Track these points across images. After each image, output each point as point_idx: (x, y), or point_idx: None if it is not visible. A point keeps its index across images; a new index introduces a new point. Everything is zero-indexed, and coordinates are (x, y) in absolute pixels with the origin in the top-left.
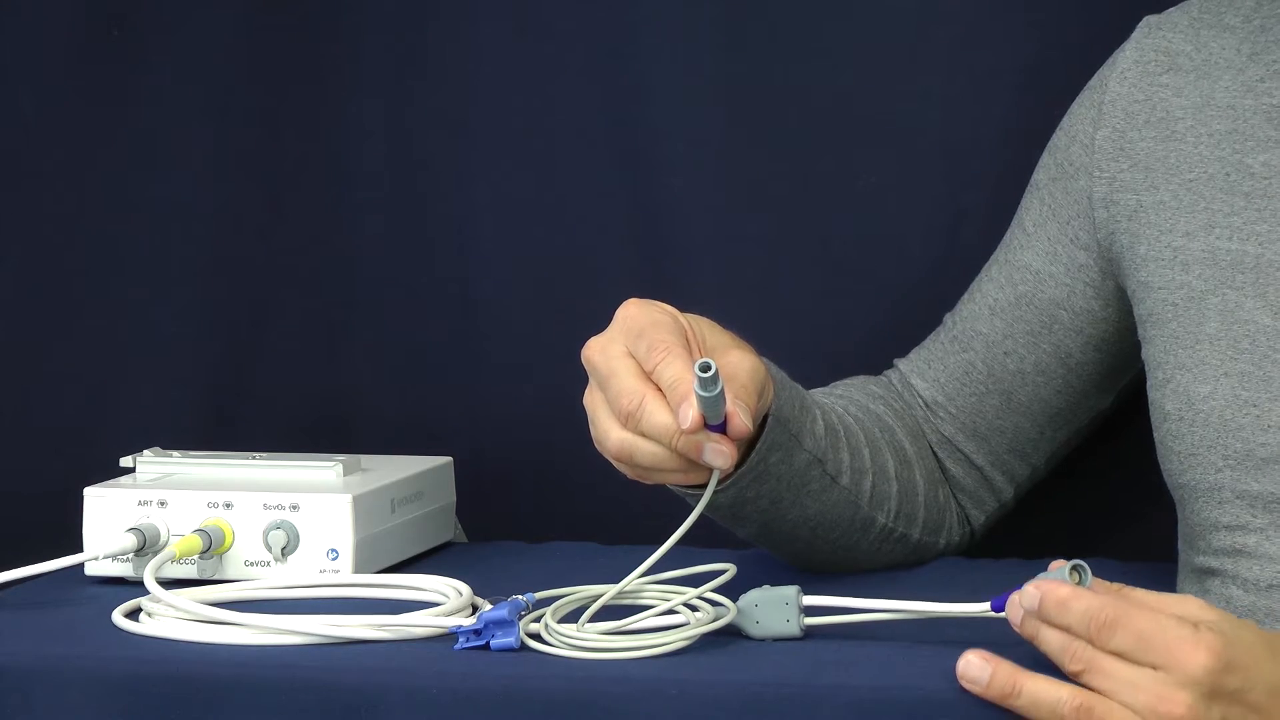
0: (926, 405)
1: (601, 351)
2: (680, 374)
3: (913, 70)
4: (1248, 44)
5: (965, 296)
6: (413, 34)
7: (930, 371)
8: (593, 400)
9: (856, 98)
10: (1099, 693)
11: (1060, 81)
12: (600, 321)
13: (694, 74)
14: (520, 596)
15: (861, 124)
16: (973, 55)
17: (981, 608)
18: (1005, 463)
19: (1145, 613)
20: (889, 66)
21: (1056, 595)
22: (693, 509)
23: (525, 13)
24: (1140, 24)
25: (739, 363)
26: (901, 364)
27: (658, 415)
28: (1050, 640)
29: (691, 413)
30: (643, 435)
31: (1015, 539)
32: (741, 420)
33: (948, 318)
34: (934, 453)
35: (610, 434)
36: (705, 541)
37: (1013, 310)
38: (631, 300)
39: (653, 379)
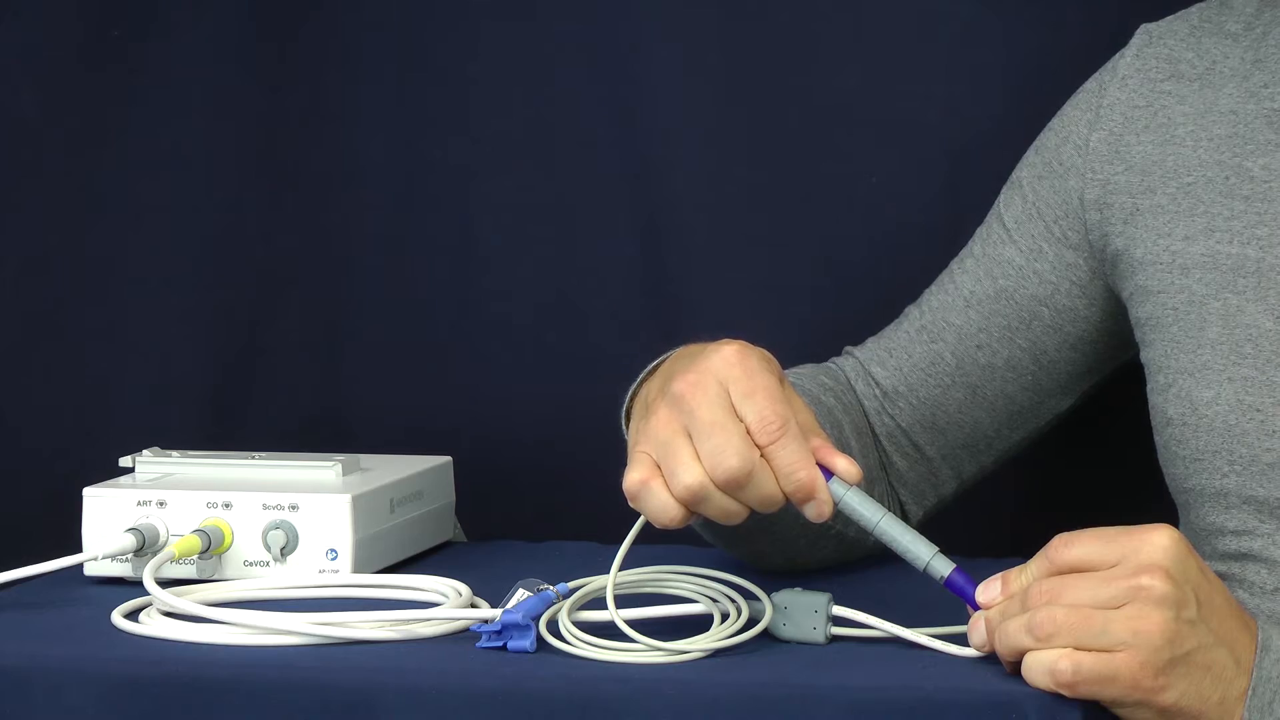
0: (885, 394)
1: (701, 393)
2: (797, 460)
3: (913, 70)
4: (1251, 51)
5: (934, 288)
6: (413, 34)
7: (893, 360)
8: (671, 429)
9: (856, 98)
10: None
11: (1060, 82)
12: (600, 321)
13: (694, 74)
14: (551, 588)
15: (862, 124)
16: (973, 55)
17: None
18: (956, 457)
19: (1092, 531)
20: (889, 67)
21: (1004, 577)
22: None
23: (525, 12)
24: (1139, 31)
25: (809, 412)
26: (858, 352)
27: (766, 487)
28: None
29: (826, 510)
30: (734, 497)
31: (1018, 542)
32: (850, 469)
33: (911, 309)
34: (880, 446)
35: (690, 474)
36: None
37: (991, 304)
38: (731, 343)
39: (761, 447)
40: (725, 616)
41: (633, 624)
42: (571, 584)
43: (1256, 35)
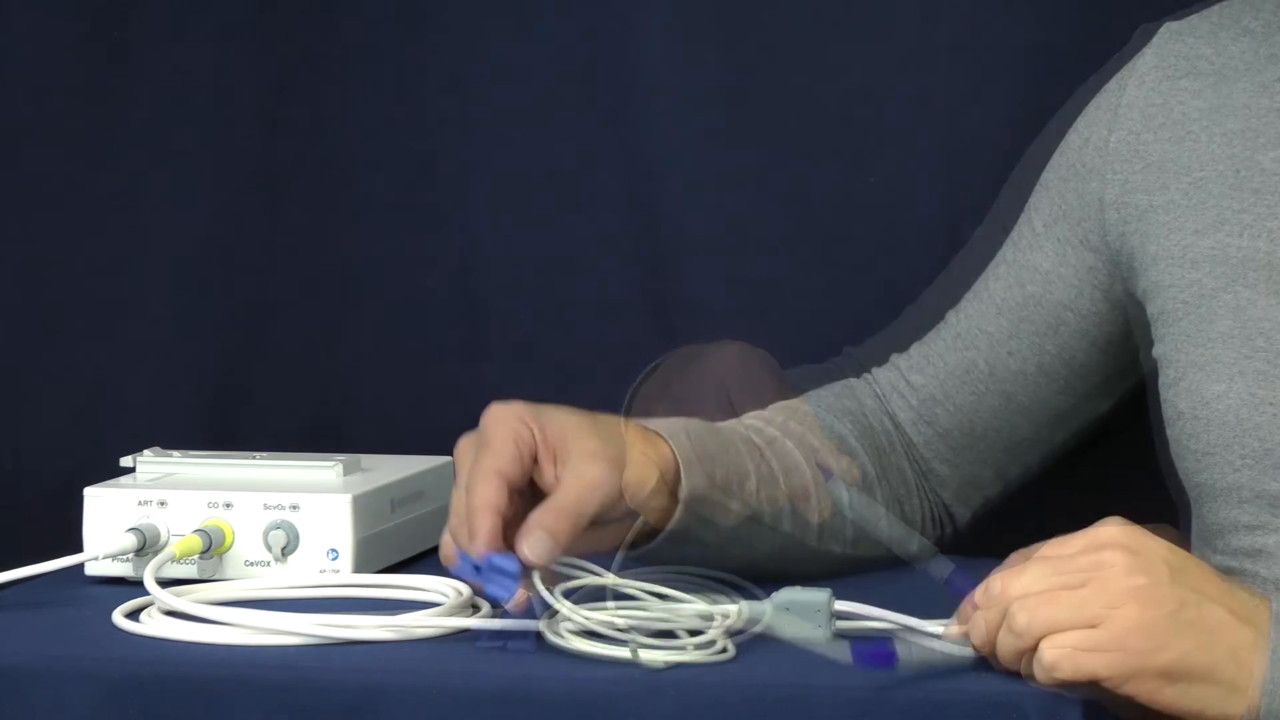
0: (923, 401)
1: (462, 453)
2: (476, 502)
3: (912, 71)
4: (1266, 46)
5: (970, 295)
6: (413, 34)
7: (930, 367)
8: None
9: (856, 98)
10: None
11: (1059, 82)
12: (600, 322)
13: (694, 74)
14: (551, 588)
15: (862, 124)
16: (972, 56)
17: None
18: (999, 460)
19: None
20: (888, 67)
21: (984, 585)
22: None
23: (525, 12)
24: (1161, 29)
25: (571, 479)
26: (900, 360)
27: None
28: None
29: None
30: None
31: (1019, 542)
32: (525, 550)
33: (950, 315)
34: (919, 454)
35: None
36: None
37: (1020, 310)
38: (494, 405)
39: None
40: (726, 616)
41: (633, 624)
42: (572, 584)
43: (1272, 31)
